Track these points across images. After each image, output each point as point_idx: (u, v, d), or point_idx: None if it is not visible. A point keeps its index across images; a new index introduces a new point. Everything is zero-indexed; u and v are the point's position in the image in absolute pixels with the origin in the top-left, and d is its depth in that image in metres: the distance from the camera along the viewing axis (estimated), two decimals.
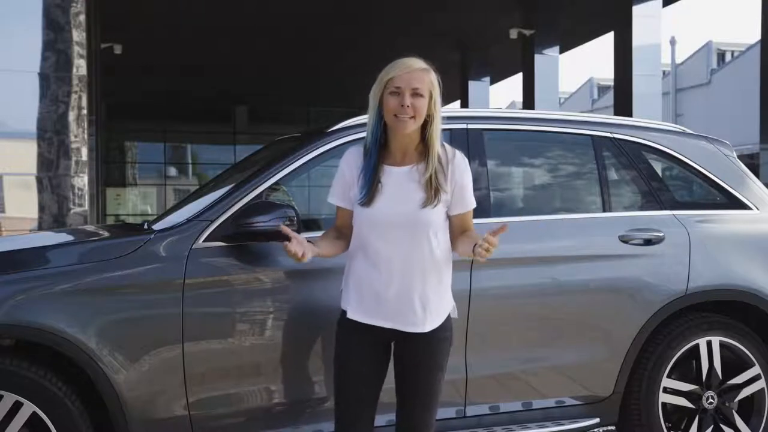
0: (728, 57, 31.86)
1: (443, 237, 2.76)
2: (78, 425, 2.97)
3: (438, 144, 2.74)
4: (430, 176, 2.69)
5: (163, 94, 20.45)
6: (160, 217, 3.82)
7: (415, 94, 2.67)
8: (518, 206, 4.01)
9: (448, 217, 2.79)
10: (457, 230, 2.80)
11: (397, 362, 2.80)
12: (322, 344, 3.23)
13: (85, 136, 7.38)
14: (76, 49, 7.30)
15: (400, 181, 2.72)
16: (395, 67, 2.70)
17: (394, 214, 2.67)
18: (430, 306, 2.72)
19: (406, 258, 2.69)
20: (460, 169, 2.77)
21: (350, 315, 2.77)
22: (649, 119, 4.49)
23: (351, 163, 2.81)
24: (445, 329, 2.79)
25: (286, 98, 21.18)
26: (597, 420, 3.69)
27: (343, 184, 2.82)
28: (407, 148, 2.75)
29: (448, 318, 2.82)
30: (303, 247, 2.67)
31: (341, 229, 2.88)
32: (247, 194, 3.28)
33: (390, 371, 2.83)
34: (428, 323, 2.73)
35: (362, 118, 3.29)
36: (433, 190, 2.69)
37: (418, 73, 2.69)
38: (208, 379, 3.15)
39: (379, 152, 2.76)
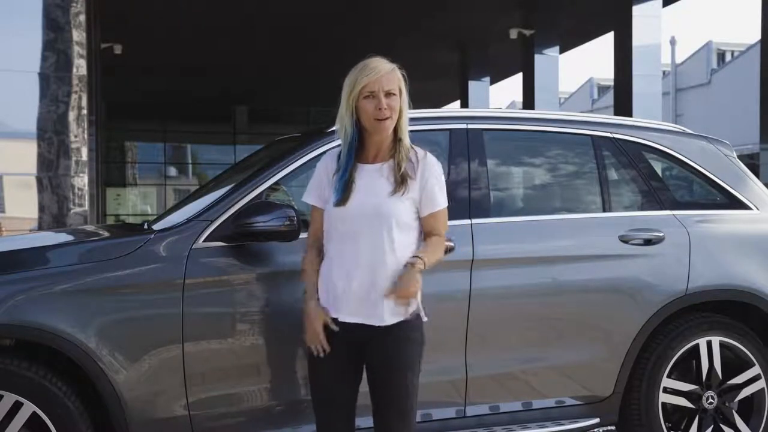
0: (728, 57, 31.88)
1: (408, 239, 2.78)
2: (78, 425, 2.97)
3: (407, 135, 2.82)
4: (400, 165, 2.77)
5: (163, 94, 20.42)
6: (160, 217, 3.81)
7: (389, 94, 2.76)
8: (518, 206, 4.00)
9: (420, 220, 2.82)
10: (426, 233, 2.83)
11: (368, 367, 2.82)
12: None
13: (85, 136, 7.38)
14: (76, 49, 7.30)
15: (371, 177, 2.80)
16: (365, 72, 2.77)
17: (363, 205, 2.75)
18: (389, 302, 2.72)
19: (372, 251, 2.72)
20: (430, 167, 2.83)
21: None
22: (649, 119, 4.49)
23: (328, 166, 2.90)
24: (412, 329, 2.77)
25: (286, 98, 21.16)
26: (597, 420, 3.69)
27: (318, 185, 2.90)
28: (381, 146, 2.82)
29: (418, 318, 2.79)
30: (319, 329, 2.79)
31: (318, 237, 2.90)
32: (247, 194, 3.28)
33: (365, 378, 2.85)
34: (387, 316, 2.73)
35: None
36: (401, 178, 2.76)
37: (388, 75, 2.78)
38: (208, 379, 3.15)
39: (354, 153, 2.83)
